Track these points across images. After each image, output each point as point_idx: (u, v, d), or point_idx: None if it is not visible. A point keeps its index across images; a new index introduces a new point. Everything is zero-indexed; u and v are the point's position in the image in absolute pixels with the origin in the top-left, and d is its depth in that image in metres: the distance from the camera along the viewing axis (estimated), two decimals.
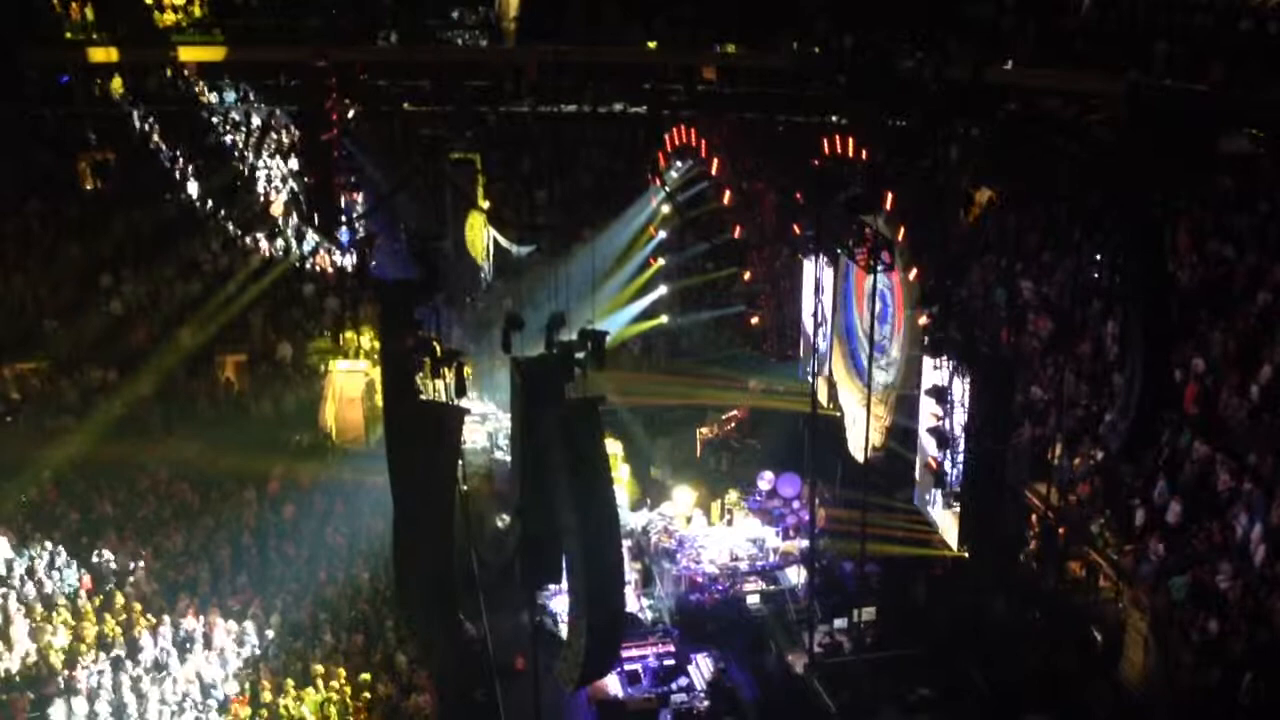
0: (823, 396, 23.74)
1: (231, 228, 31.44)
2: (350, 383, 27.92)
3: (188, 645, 19.72)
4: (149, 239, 31.19)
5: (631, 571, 22.03)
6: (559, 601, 20.84)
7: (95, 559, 21.90)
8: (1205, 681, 16.97)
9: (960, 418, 18.75)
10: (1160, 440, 19.85)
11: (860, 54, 31.03)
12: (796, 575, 22.68)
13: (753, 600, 22.38)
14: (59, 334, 28.40)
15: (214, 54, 34.78)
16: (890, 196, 19.67)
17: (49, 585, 21.12)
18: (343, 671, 18.96)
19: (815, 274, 23.70)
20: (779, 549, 23.72)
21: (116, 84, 34.67)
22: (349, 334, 29.00)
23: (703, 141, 25.00)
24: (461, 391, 16.79)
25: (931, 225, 20.26)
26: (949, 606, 21.33)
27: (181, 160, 32.98)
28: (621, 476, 24.60)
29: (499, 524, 24.60)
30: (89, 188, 33.06)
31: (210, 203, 32.13)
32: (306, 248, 31.23)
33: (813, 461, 22.34)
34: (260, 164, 33.51)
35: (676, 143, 26.16)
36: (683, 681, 20.24)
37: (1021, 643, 19.73)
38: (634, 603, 21.92)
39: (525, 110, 35.59)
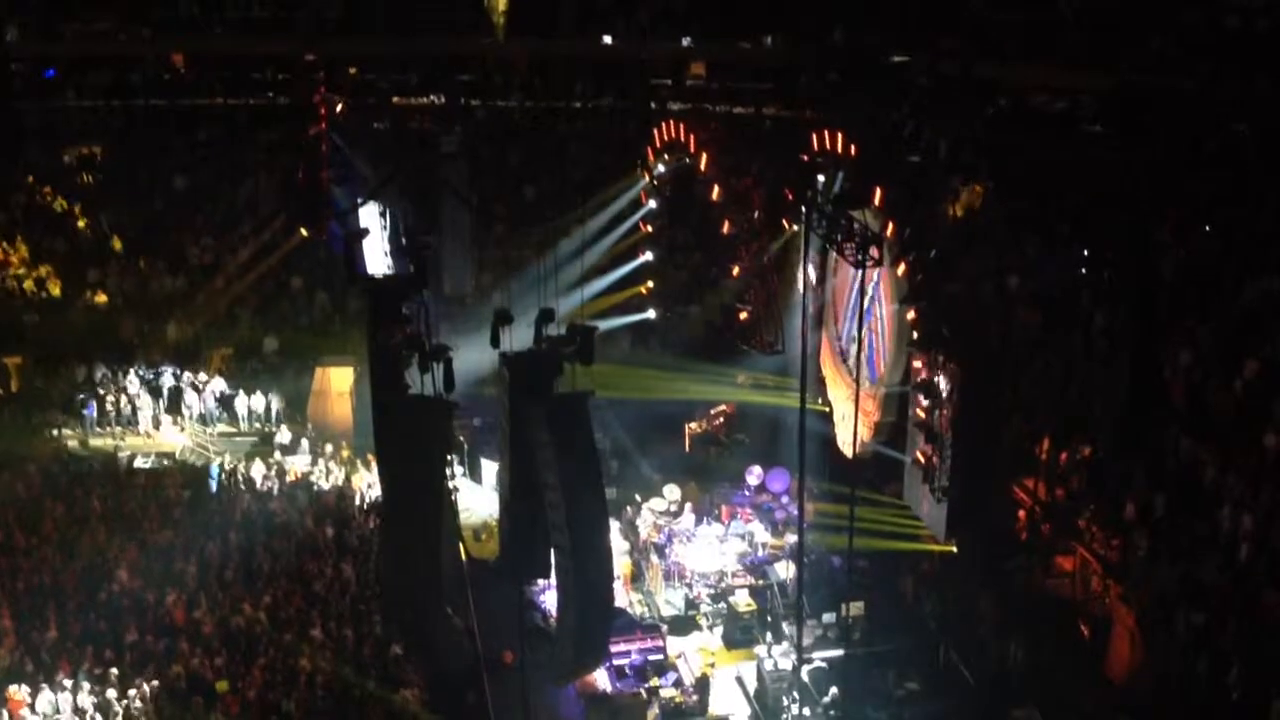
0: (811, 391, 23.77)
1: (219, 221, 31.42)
2: (338, 377, 27.87)
3: (175, 640, 19.65)
4: (136, 233, 31.15)
5: (620, 566, 22.03)
6: (548, 597, 20.83)
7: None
8: (1192, 675, 17.05)
9: (948, 412, 18.78)
10: (1148, 434, 19.92)
11: (851, 49, 31.03)
12: (785, 570, 22.70)
13: (741, 595, 22.40)
14: (43, 328, 28.32)
15: (202, 47, 34.67)
16: (879, 191, 19.67)
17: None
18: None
19: (804, 269, 23.72)
20: (767, 544, 23.76)
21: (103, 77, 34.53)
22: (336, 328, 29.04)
23: (691, 137, 24.97)
24: (450, 386, 16.75)
25: (920, 220, 20.26)
26: (937, 601, 21.41)
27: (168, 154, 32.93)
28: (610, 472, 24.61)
29: (489, 519, 24.62)
30: (75, 181, 32.93)
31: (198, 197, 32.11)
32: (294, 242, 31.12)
33: (801, 456, 22.37)
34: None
35: (666, 138, 26.12)
36: (671, 676, 20.26)
37: (1008, 637, 19.79)
38: (623, 598, 21.93)
39: (514, 105, 35.54)
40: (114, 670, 18.68)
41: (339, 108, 28.02)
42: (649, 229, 28.55)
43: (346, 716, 18.30)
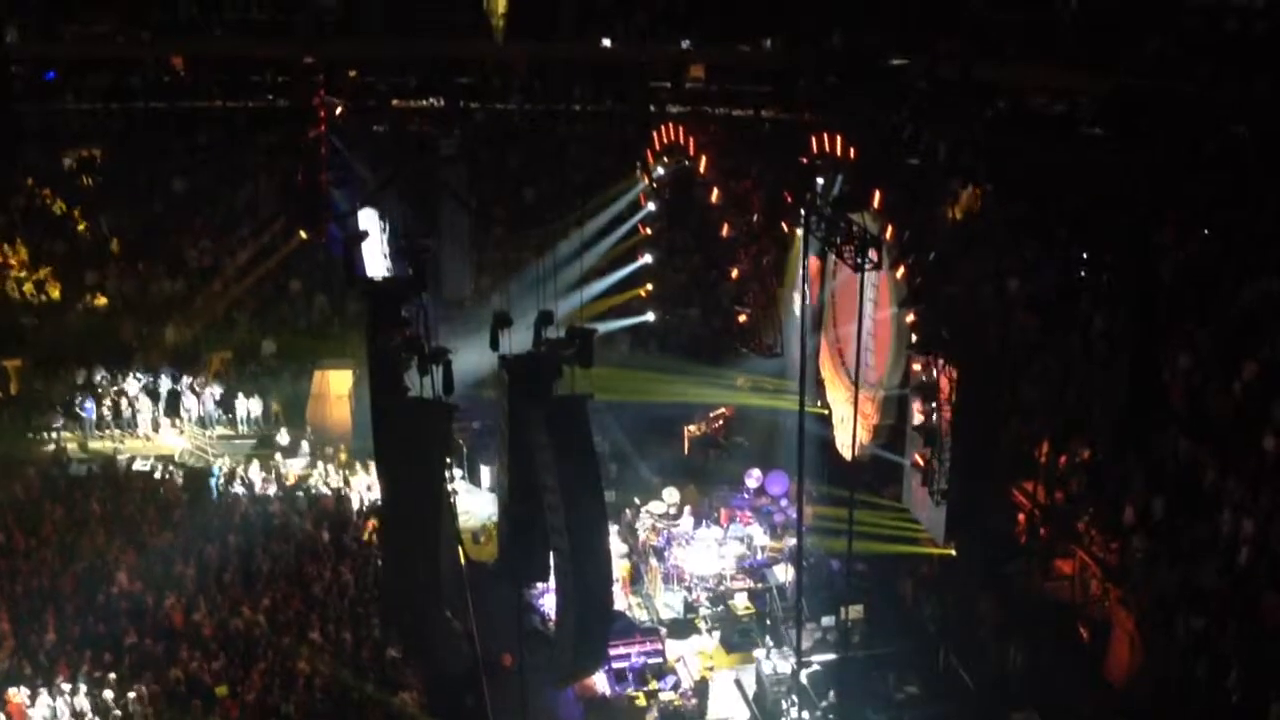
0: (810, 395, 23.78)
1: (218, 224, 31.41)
2: (337, 380, 27.87)
3: (174, 643, 19.63)
4: (135, 236, 31.13)
5: (619, 569, 22.02)
6: (547, 600, 20.82)
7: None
8: (1191, 678, 17.03)
9: (947, 415, 18.77)
10: (1147, 437, 19.91)
11: (850, 52, 31.09)
12: (784, 573, 22.68)
13: (740, 598, 22.38)
14: (42, 330, 28.31)
15: (202, 50, 34.75)
16: (878, 194, 19.67)
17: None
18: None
19: (803, 272, 23.72)
20: (766, 547, 23.74)
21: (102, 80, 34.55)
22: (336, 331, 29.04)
23: (690, 139, 24.99)
24: (449, 389, 16.74)
25: (919, 223, 20.27)
26: (936, 604, 21.38)
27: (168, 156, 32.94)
28: (609, 474, 24.57)
29: (488, 522, 24.60)
30: (74, 184, 32.95)
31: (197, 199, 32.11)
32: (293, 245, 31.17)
33: (800, 459, 22.36)
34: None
35: (665, 141, 26.14)
36: (670, 680, 20.25)
37: (1008, 640, 19.77)
38: (622, 600, 21.91)
39: (513, 108, 35.58)
40: (112, 673, 18.65)
41: (338, 110, 28.11)
42: (648, 232, 28.56)
43: (345, 719, 18.29)
